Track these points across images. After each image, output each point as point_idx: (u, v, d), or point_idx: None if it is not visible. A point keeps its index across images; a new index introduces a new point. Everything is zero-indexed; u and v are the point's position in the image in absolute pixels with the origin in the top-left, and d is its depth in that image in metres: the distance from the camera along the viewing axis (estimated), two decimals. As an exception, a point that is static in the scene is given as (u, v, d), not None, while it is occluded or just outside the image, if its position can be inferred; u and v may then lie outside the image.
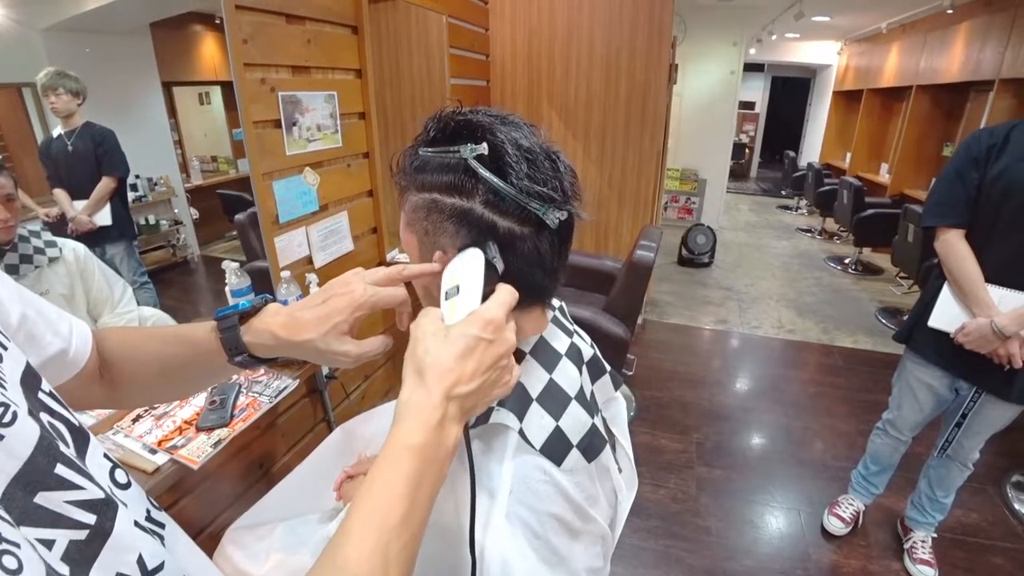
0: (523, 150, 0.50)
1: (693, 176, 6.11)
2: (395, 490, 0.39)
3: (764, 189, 9.21)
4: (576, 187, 0.55)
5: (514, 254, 0.52)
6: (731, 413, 2.64)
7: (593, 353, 0.67)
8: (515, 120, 0.53)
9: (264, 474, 1.78)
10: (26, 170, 1.42)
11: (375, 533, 0.38)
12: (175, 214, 1.78)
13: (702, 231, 4.84)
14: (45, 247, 1.33)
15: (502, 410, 0.54)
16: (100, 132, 1.46)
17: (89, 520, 0.36)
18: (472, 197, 0.51)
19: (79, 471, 0.37)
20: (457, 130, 0.52)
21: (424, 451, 0.41)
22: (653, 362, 3.12)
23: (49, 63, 1.33)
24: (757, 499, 2.07)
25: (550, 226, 0.51)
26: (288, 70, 1.62)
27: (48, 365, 0.50)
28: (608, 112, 3.03)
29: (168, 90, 1.62)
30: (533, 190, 0.50)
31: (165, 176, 1.73)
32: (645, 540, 1.88)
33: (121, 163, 1.52)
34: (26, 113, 1.35)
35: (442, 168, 0.52)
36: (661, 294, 4.17)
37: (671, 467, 2.24)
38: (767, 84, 10.10)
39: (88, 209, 1.49)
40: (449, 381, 0.42)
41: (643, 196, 3.15)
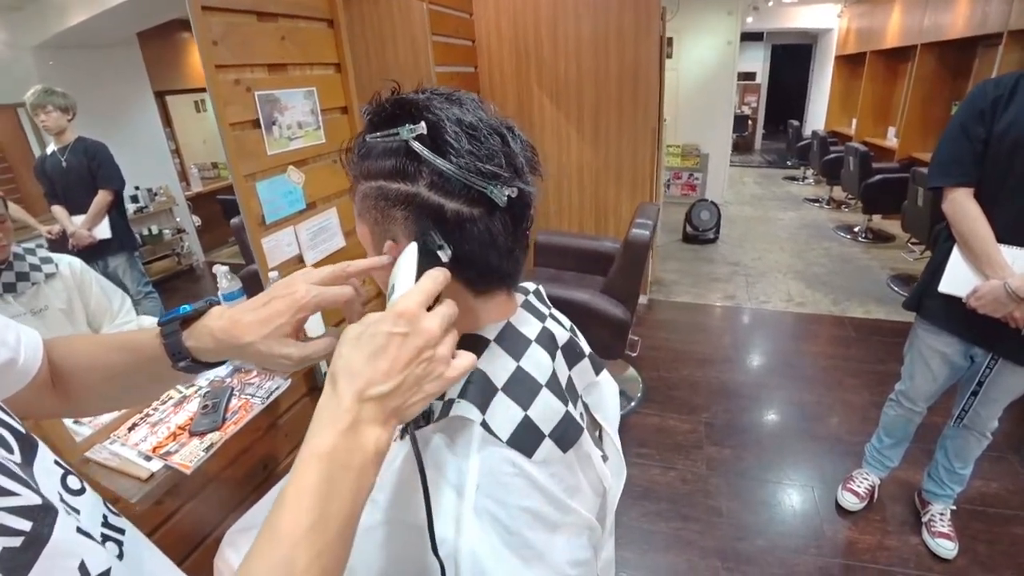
0: (465, 125, 0.48)
1: (695, 151, 6.01)
2: (301, 502, 0.38)
3: (769, 161, 9.05)
4: (534, 163, 0.52)
5: (465, 238, 0.49)
6: (741, 390, 2.59)
7: (570, 337, 0.63)
8: (459, 97, 0.51)
9: (268, 475, 1.77)
10: (29, 189, 1.42)
11: (280, 547, 0.37)
12: (177, 223, 1.78)
13: (706, 207, 4.77)
14: (41, 264, 1.34)
15: (462, 402, 0.51)
16: (92, 146, 1.46)
17: (24, 527, 0.36)
18: (416, 181, 0.48)
19: (14, 477, 0.37)
20: (394, 112, 0.50)
21: (334, 458, 0.39)
22: (660, 342, 3.08)
23: (40, 81, 1.33)
24: (769, 477, 2.03)
25: (498, 204, 0.48)
26: (263, 69, 1.58)
27: None
28: (600, 91, 2.96)
29: (162, 100, 1.61)
30: (475, 167, 0.47)
31: (165, 186, 1.73)
32: (655, 523, 1.85)
33: (115, 176, 1.52)
34: (23, 132, 1.36)
35: (385, 153, 0.50)
36: (667, 272, 4.11)
37: (680, 448, 2.20)
38: (767, 53, 9.87)
39: (87, 223, 1.49)
40: (360, 384, 0.40)
41: (641, 174, 3.09)
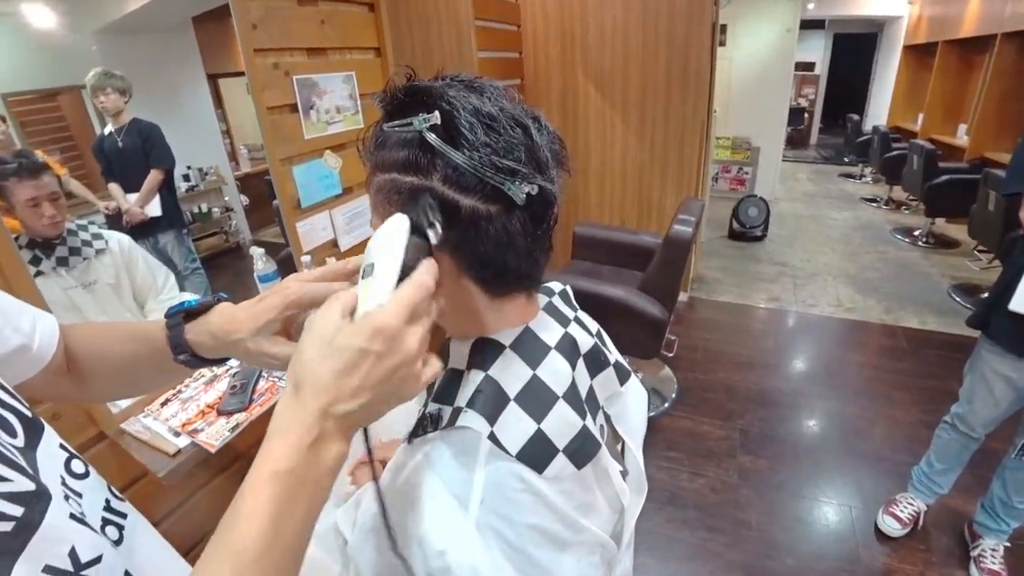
0: (482, 116, 0.44)
1: (745, 145, 5.77)
2: (256, 520, 0.36)
3: (825, 156, 8.62)
4: (561, 156, 0.49)
5: (482, 237, 0.46)
6: (780, 398, 2.48)
7: (594, 343, 0.59)
8: (481, 84, 0.47)
9: (297, 456, 1.80)
10: (91, 167, 1.48)
11: (231, 566, 0.35)
12: (226, 201, 1.82)
13: (754, 203, 4.58)
14: (92, 240, 1.39)
15: (470, 412, 0.49)
16: (147, 127, 1.50)
17: (15, 512, 0.37)
18: (430, 174, 0.45)
19: (8, 463, 0.38)
20: (408, 100, 0.47)
21: (294, 475, 0.37)
22: (698, 342, 2.98)
23: (101, 64, 1.37)
24: (804, 493, 1.94)
25: (516, 202, 0.45)
26: (302, 53, 1.58)
27: (10, 360, 0.51)
28: (647, 79, 2.86)
29: (214, 82, 1.64)
30: (490, 161, 0.44)
31: (215, 165, 1.76)
32: (679, 531, 1.80)
33: (167, 155, 1.56)
34: (87, 113, 1.40)
35: (399, 144, 0.47)
36: (709, 270, 3.97)
37: (711, 455, 2.13)
38: (828, 42, 9.34)
39: (139, 201, 1.54)
40: (325, 399, 0.38)
41: (687, 167, 2.98)
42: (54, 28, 1.24)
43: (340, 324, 0.39)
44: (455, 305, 0.52)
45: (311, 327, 0.40)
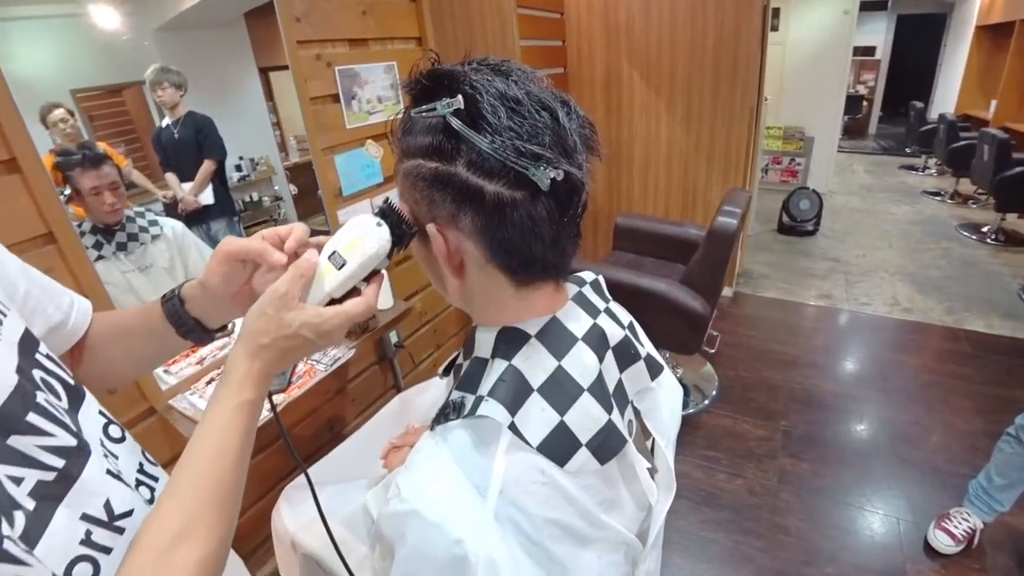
0: (507, 99, 0.44)
1: (798, 134, 5.52)
2: (233, 435, 0.47)
3: (884, 147, 8.16)
4: (591, 141, 0.48)
5: (506, 224, 0.45)
6: (827, 400, 2.38)
7: (625, 336, 0.58)
8: (507, 68, 0.46)
9: (334, 436, 1.87)
10: (153, 158, 1.56)
11: (212, 470, 0.45)
12: (275, 191, 1.88)
13: (806, 195, 4.38)
14: (148, 226, 1.47)
15: (491, 401, 0.48)
16: (200, 119, 1.56)
17: (57, 464, 0.41)
18: (454, 160, 0.45)
19: (54, 420, 0.43)
20: (431, 85, 0.46)
21: (256, 405, 0.49)
22: (742, 339, 2.89)
23: (159, 60, 1.43)
24: (849, 500, 1.86)
25: (542, 188, 0.44)
26: (344, 44, 1.60)
27: (51, 335, 0.56)
28: (694, 65, 2.76)
29: (265, 75, 1.69)
30: (514, 146, 0.43)
31: (266, 156, 1.82)
32: (714, 532, 1.76)
33: (219, 147, 1.63)
34: (147, 107, 1.48)
35: (425, 130, 0.47)
36: (756, 264, 3.84)
37: (751, 455, 2.07)
38: (891, 24, 8.76)
39: (193, 190, 1.61)
40: (277, 362, 0.49)
41: (735, 157, 2.88)
42: (118, 28, 1.30)
43: (299, 313, 0.49)
44: (481, 292, 0.52)
45: (275, 296, 0.48)
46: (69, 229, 1.07)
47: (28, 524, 0.38)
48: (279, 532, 1.13)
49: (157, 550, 0.40)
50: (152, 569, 0.39)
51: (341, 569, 0.71)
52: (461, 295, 0.54)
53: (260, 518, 1.53)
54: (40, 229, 1.03)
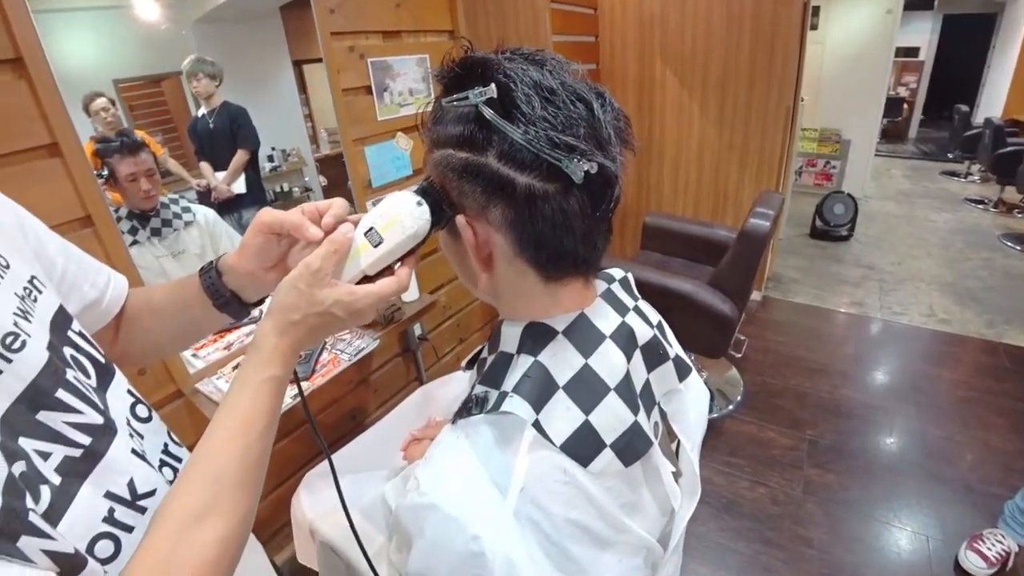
0: (542, 89, 0.42)
1: (834, 137, 5.37)
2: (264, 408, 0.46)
3: (925, 152, 7.88)
4: (625, 134, 0.46)
5: (537, 216, 0.44)
6: (855, 410, 2.32)
7: (654, 335, 0.56)
8: (542, 57, 0.45)
9: (356, 426, 1.88)
10: (189, 147, 1.59)
11: (240, 439, 0.45)
12: (306, 182, 1.90)
13: (841, 200, 4.26)
14: (182, 213, 1.50)
15: (515, 398, 0.47)
16: (235, 110, 1.58)
17: (84, 441, 0.42)
18: (486, 151, 0.44)
19: (82, 397, 0.43)
20: (463, 74, 0.45)
21: (284, 380, 0.48)
22: (769, 344, 2.83)
23: (197, 51, 1.46)
24: (876, 515, 1.80)
25: (575, 180, 0.43)
26: (377, 36, 1.61)
27: (86, 311, 0.57)
28: (729, 65, 2.71)
29: (299, 68, 1.71)
30: (548, 136, 0.42)
31: (297, 147, 1.84)
32: (734, 541, 1.72)
33: (253, 137, 1.65)
34: (185, 98, 1.50)
35: (456, 119, 0.46)
36: (787, 269, 3.75)
37: (775, 464, 2.02)
38: (936, 24, 8.41)
39: (227, 179, 1.63)
40: (306, 339, 0.48)
41: (768, 159, 2.82)
42: (158, 19, 1.32)
43: (332, 290, 0.47)
44: (508, 286, 0.51)
45: (308, 272, 0.47)
46: (106, 213, 1.10)
47: (53, 499, 0.38)
48: (298, 519, 1.14)
49: (179, 526, 0.39)
50: (173, 545, 0.39)
51: (359, 558, 0.71)
52: (488, 289, 0.53)
53: (280, 503, 1.55)
54: (79, 212, 1.06)
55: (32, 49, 0.95)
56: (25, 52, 0.94)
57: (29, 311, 0.43)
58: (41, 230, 0.53)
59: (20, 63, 0.95)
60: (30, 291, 0.45)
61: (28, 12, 0.95)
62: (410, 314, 1.66)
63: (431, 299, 1.75)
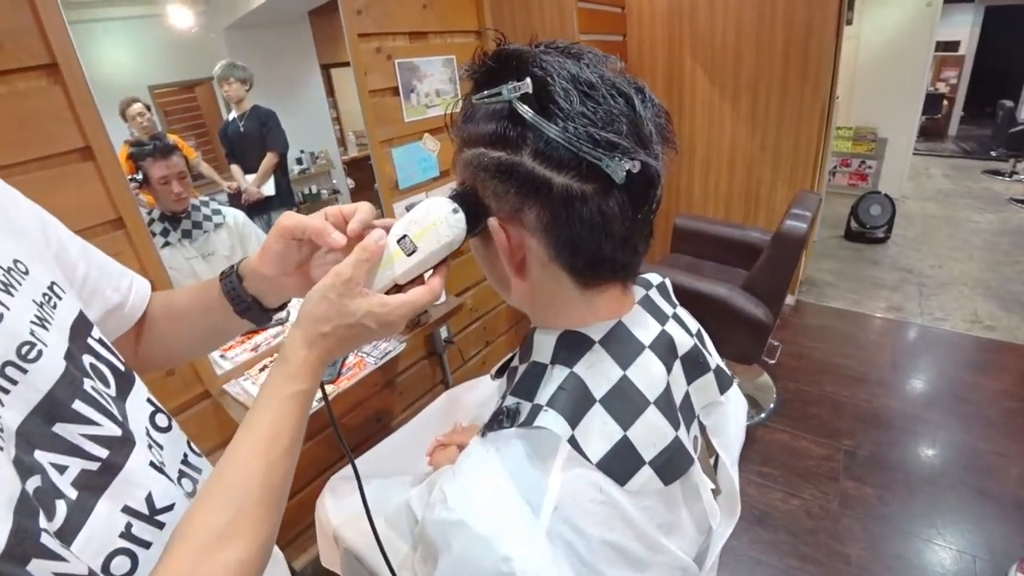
0: (580, 83, 0.40)
1: (870, 135, 5.20)
2: (289, 424, 0.45)
3: (966, 150, 7.59)
4: (667, 131, 0.44)
5: (575, 220, 0.42)
6: (894, 420, 2.22)
7: (694, 345, 0.53)
8: (579, 50, 0.43)
9: (381, 428, 1.88)
10: (220, 150, 1.63)
11: (258, 461, 0.43)
12: (334, 184, 1.92)
13: (877, 200, 4.12)
14: (212, 215, 1.52)
15: (550, 412, 0.45)
16: (265, 113, 1.61)
17: (101, 454, 0.41)
18: (520, 149, 0.42)
19: (99, 408, 0.42)
20: (497, 68, 0.43)
21: (308, 395, 0.46)
22: (804, 350, 2.74)
23: (228, 57, 1.49)
24: (917, 532, 1.72)
25: (615, 180, 0.40)
26: (404, 37, 1.61)
27: (109, 316, 0.56)
28: (762, 62, 2.63)
29: (327, 72, 1.73)
30: (587, 133, 0.39)
31: (325, 150, 1.87)
32: (766, 554, 1.66)
33: (281, 140, 1.67)
34: (217, 103, 1.54)
35: (488, 116, 0.43)
36: (821, 272, 3.64)
37: (810, 475, 1.95)
38: (978, 17, 8.07)
39: (256, 181, 1.66)
40: (335, 351, 0.47)
41: (802, 159, 2.73)
42: (191, 26, 1.36)
43: (363, 300, 0.46)
44: (542, 293, 0.49)
45: (339, 281, 0.45)
46: (137, 215, 1.11)
47: (69, 514, 0.37)
48: (322, 523, 1.14)
49: (199, 547, 0.38)
50: (193, 567, 0.37)
51: (382, 567, 0.69)
52: (521, 295, 0.50)
53: (305, 505, 1.56)
54: (111, 215, 1.07)
55: (66, 55, 0.97)
56: (60, 58, 0.96)
57: (48, 318, 0.42)
58: (63, 234, 0.53)
59: (55, 69, 0.97)
60: (49, 297, 0.44)
61: (63, 19, 0.96)
62: (436, 317, 1.65)
63: (458, 302, 1.74)
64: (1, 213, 0.45)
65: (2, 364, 0.36)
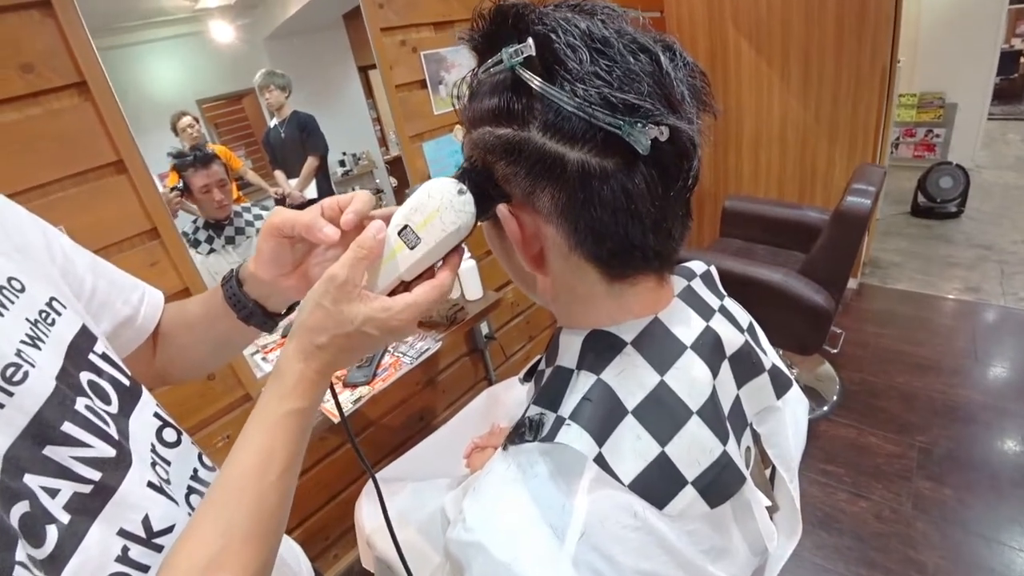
0: (591, 39, 0.34)
1: (937, 101, 4.81)
2: (283, 446, 0.41)
3: (1050, 111, 6.94)
4: (703, 93, 0.37)
5: (594, 202, 0.36)
6: (975, 414, 2.03)
7: (745, 341, 0.47)
8: (591, 7, 0.36)
9: (424, 427, 1.88)
10: (266, 157, 1.67)
11: (254, 487, 0.40)
12: (376, 184, 1.93)
13: (948, 172, 3.81)
14: (254, 220, 1.55)
15: (573, 427, 0.39)
16: (304, 118, 1.63)
17: (94, 476, 0.40)
18: (527, 123, 0.36)
19: (91, 429, 0.41)
20: (495, 30, 0.37)
21: (306, 413, 0.42)
22: (869, 338, 2.56)
23: (268, 65, 1.53)
24: (1004, 539, 1.55)
25: (639, 152, 0.34)
26: (429, 28, 1.58)
27: (120, 330, 0.55)
28: (812, 27, 2.44)
29: (364, 73, 1.74)
30: (602, 96, 0.33)
31: (367, 151, 1.88)
32: (831, 561, 1.55)
33: (321, 143, 1.68)
34: (261, 112, 1.58)
35: (491, 90, 0.38)
36: (886, 252, 3.39)
37: (880, 474, 1.81)
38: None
39: (299, 185, 1.68)
40: (335, 363, 0.43)
41: (861, 130, 2.54)
42: (232, 40, 1.39)
43: (362, 304, 0.41)
44: (564, 288, 0.43)
45: (333, 285, 0.41)
46: (171, 225, 1.13)
47: (61, 539, 0.36)
48: (360, 525, 1.15)
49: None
50: None
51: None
52: (542, 291, 0.45)
53: (347, 506, 1.57)
54: (145, 225, 1.09)
55: (94, 72, 0.99)
56: (88, 75, 0.98)
57: (42, 336, 0.41)
58: (69, 248, 0.52)
59: (84, 86, 0.99)
60: (47, 314, 0.43)
61: (88, 39, 0.98)
62: (474, 313, 1.62)
63: (496, 296, 1.70)
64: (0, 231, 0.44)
65: None
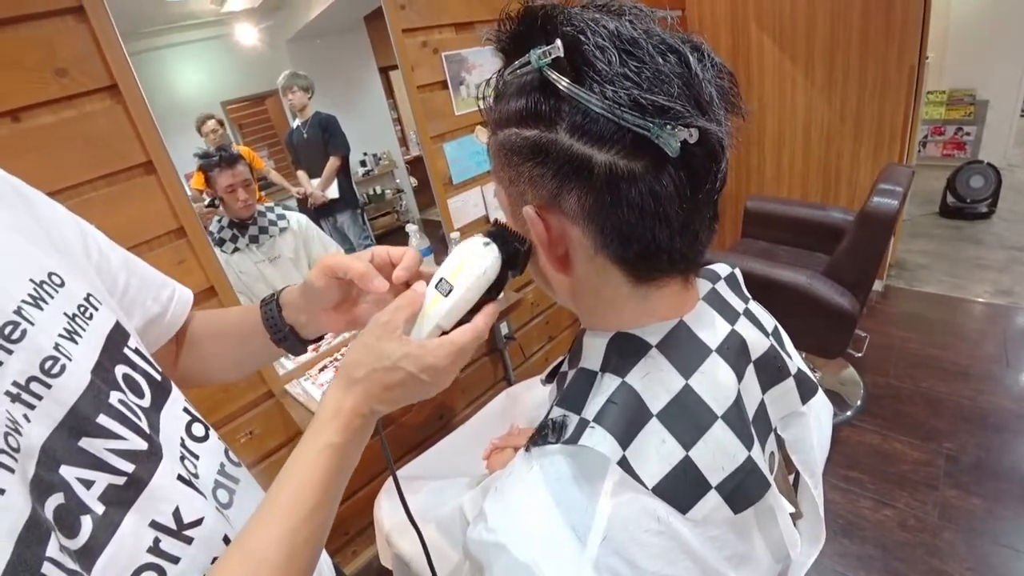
0: (619, 39, 0.34)
1: (968, 98, 4.67)
2: (312, 481, 0.42)
3: (1089, 108, 6.69)
4: (731, 95, 0.37)
5: (622, 204, 0.36)
6: (1005, 421, 1.97)
7: (770, 346, 0.47)
8: (618, 7, 0.37)
9: (443, 425, 1.89)
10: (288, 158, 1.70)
11: (285, 522, 0.40)
12: (397, 183, 1.96)
13: (979, 171, 3.70)
14: (277, 220, 1.58)
15: (597, 429, 0.40)
16: (325, 118, 1.65)
17: (127, 468, 0.41)
18: (554, 124, 0.37)
19: (125, 422, 0.42)
20: (523, 32, 0.38)
21: (343, 449, 0.43)
22: (894, 341, 2.50)
23: (291, 67, 1.55)
24: (1037, 550, 1.51)
25: (668, 154, 0.34)
26: (450, 29, 1.58)
27: (149, 326, 0.57)
28: (837, 22, 2.40)
29: (385, 74, 1.76)
30: (630, 97, 0.33)
31: (387, 151, 1.90)
32: (853, 569, 1.52)
33: (343, 143, 1.71)
34: (284, 114, 1.61)
35: (518, 91, 0.39)
36: (912, 254, 3.31)
37: (905, 482, 1.77)
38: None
39: (320, 185, 1.70)
40: (374, 400, 0.44)
41: (888, 128, 2.49)
42: (255, 44, 1.42)
43: (400, 343, 0.44)
44: (589, 290, 0.43)
45: (372, 330, 0.45)
46: (197, 224, 1.15)
47: (95, 529, 0.37)
48: (379, 523, 1.15)
49: None
50: None
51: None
52: (566, 292, 0.45)
53: (368, 502, 1.59)
54: (173, 224, 1.12)
55: (125, 75, 1.02)
56: (119, 78, 1.01)
57: (79, 330, 0.42)
58: (105, 245, 0.54)
59: (115, 89, 1.01)
60: (85, 308, 0.44)
61: (119, 42, 1.01)
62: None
63: (517, 297, 1.70)
64: (40, 227, 0.46)
65: (27, 380, 0.36)
